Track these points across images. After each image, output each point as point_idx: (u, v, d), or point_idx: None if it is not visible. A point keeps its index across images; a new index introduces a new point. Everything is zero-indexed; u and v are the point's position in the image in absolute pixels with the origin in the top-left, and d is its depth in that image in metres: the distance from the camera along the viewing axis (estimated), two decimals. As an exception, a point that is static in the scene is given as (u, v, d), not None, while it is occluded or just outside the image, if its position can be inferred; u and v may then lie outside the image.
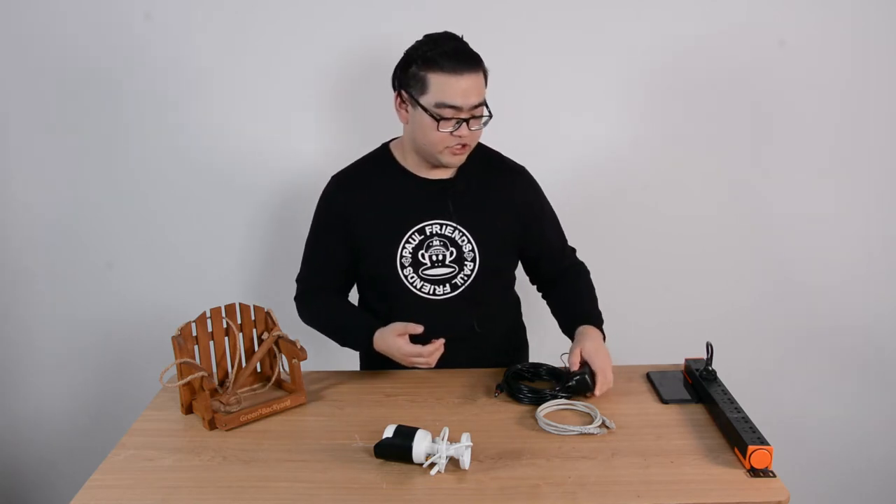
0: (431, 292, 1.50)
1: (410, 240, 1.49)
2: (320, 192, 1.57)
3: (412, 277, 1.49)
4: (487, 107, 1.42)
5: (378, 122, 1.65)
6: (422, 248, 1.49)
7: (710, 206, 2.01)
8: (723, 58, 1.89)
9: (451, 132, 1.38)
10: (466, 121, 1.37)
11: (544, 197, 1.61)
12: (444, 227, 1.49)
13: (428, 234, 1.49)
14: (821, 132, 1.96)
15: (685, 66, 1.90)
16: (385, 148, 1.56)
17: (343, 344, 1.55)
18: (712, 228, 2.03)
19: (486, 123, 1.43)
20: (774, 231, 2.04)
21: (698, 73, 1.91)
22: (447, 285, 1.50)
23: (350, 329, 1.52)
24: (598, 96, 1.93)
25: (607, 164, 1.97)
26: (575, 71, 1.90)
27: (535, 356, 1.67)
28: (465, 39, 1.42)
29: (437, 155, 1.43)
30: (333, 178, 1.56)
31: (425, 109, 1.37)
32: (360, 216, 1.50)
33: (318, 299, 1.58)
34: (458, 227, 1.49)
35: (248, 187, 1.97)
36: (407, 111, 1.44)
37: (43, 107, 1.89)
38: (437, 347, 1.39)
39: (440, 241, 1.49)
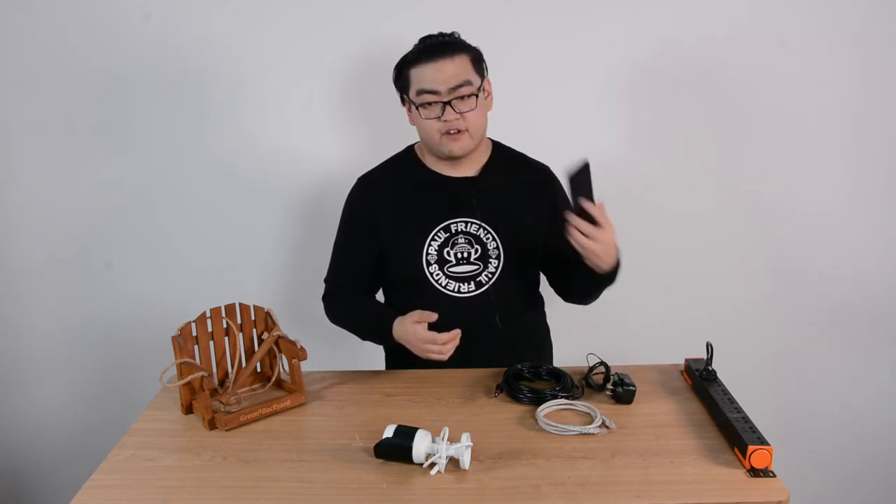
0: (457, 290, 1.51)
1: (436, 237, 1.50)
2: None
3: (438, 275, 1.50)
4: (481, 90, 1.43)
5: (388, 126, 1.65)
6: (447, 246, 1.50)
7: (710, 206, 2.01)
8: (724, 58, 1.89)
9: (438, 117, 1.41)
10: (449, 103, 1.40)
11: (566, 194, 1.61)
12: (469, 224, 1.51)
13: (453, 231, 1.50)
14: (821, 132, 1.96)
15: (686, 66, 1.90)
16: (409, 149, 1.59)
17: (366, 337, 1.56)
18: (712, 228, 2.03)
19: (477, 106, 1.43)
20: (775, 231, 2.04)
21: (700, 72, 1.91)
22: (472, 283, 1.51)
23: (372, 320, 1.53)
24: (598, 96, 1.93)
25: (608, 163, 1.97)
26: (577, 71, 1.90)
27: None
28: (455, 35, 1.46)
29: (437, 146, 1.46)
30: (359, 179, 1.58)
31: (412, 102, 1.44)
32: (386, 215, 1.52)
33: (343, 298, 1.59)
34: (483, 224, 1.51)
35: (249, 187, 1.97)
36: (411, 111, 1.48)
37: (42, 107, 1.89)
38: (452, 336, 1.37)
39: (465, 238, 1.50)
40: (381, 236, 1.53)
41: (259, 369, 1.46)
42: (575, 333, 1.74)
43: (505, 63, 1.62)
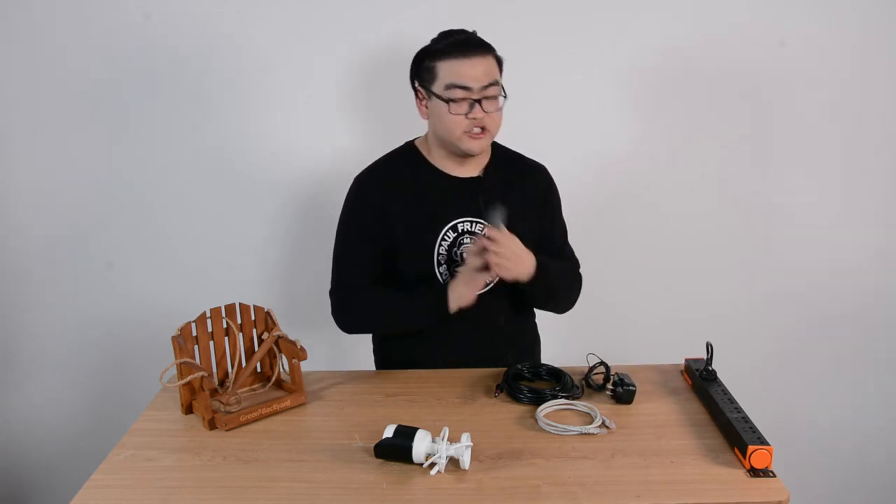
0: None
1: (445, 237, 1.49)
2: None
3: (447, 275, 1.50)
4: (504, 90, 1.43)
5: (389, 126, 1.64)
6: (455, 246, 1.50)
7: (710, 206, 2.01)
8: (723, 58, 1.89)
9: (466, 115, 1.40)
10: (479, 101, 1.39)
11: (559, 194, 1.63)
12: (474, 224, 1.50)
13: (460, 231, 1.50)
14: (821, 132, 1.96)
15: (686, 66, 1.90)
16: (411, 145, 1.57)
17: (412, 323, 1.51)
18: (712, 228, 2.03)
19: (502, 107, 1.43)
20: (774, 231, 2.04)
21: (699, 72, 1.91)
22: None
23: (419, 300, 1.47)
24: (598, 96, 1.93)
25: (608, 163, 1.97)
26: (576, 71, 1.90)
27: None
28: (477, 34, 1.45)
29: (456, 142, 1.43)
30: (360, 176, 1.54)
31: (438, 96, 1.41)
32: (396, 210, 1.49)
33: (367, 296, 1.52)
34: (489, 224, 1.49)
35: (249, 187, 1.97)
36: (426, 106, 1.46)
37: (42, 107, 1.89)
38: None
39: (471, 238, 1.50)
40: (392, 233, 1.49)
41: (259, 369, 1.46)
42: (575, 333, 1.74)
43: (504, 63, 1.62)
